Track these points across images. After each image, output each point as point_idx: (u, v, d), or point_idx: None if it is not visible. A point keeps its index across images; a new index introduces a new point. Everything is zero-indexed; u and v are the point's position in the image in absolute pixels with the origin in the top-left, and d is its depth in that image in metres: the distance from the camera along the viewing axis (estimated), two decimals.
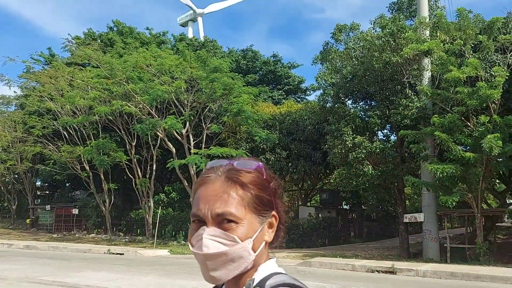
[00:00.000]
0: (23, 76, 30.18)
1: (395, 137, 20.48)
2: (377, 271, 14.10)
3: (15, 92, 33.14)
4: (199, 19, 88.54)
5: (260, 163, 1.01)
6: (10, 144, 31.68)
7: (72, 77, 26.42)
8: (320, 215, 26.49)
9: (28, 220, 35.85)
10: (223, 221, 0.93)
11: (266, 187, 1.00)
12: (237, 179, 0.96)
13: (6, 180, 39.50)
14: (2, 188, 39.37)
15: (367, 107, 21.10)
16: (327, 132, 20.35)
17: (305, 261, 16.09)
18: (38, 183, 42.96)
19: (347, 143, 18.31)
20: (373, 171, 18.19)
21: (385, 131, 21.21)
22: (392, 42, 17.87)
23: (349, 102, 21.85)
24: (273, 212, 1.01)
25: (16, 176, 37.88)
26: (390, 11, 21.50)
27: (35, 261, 15.57)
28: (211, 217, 0.93)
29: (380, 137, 20.80)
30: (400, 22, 18.19)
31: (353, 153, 18.14)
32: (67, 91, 25.98)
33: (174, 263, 15.62)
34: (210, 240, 0.92)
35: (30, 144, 28.64)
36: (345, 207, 33.71)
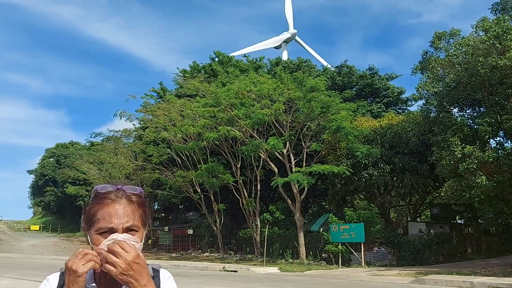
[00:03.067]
0: (140, 110, 33.80)
1: (510, 144, 19.07)
2: None
3: (134, 125, 36.99)
4: (293, 40, 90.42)
5: (141, 188, 1.44)
6: (133, 172, 35.38)
7: (182, 108, 28.98)
8: (432, 231, 25.22)
9: (149, 241, 39.18)
10: (129, 231, 1.34)
11: (146, 206, 1.44)
12: (134, 200, 1.39)
13: None
14: None
15: (475, 114, 19.99)
16: (433, 143, 19.63)
17: (418, 279, 15.55)
18: (155, 207, 47.00)
19: (456, 153, 17.50)
20: (487, 182, 17.08)
21: (498, 138, 19.80)
22: (497, 45, 16.87)
23: (455, 110, 20.89)
24: (148, 223, 1.46)
25: None
26: (493, 12, 20.28)
27: None
28: (121, 228, 1.33)
29: (492, 145, 19.50)
30: (505, 23, 17.12)
31: (463, 164, 17.26)
32: (179, 121, 28.54)
33: (284, 280, 16.20)
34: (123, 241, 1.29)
35: (149, 171, 31.78)
36: (459, 221, 31.60)
